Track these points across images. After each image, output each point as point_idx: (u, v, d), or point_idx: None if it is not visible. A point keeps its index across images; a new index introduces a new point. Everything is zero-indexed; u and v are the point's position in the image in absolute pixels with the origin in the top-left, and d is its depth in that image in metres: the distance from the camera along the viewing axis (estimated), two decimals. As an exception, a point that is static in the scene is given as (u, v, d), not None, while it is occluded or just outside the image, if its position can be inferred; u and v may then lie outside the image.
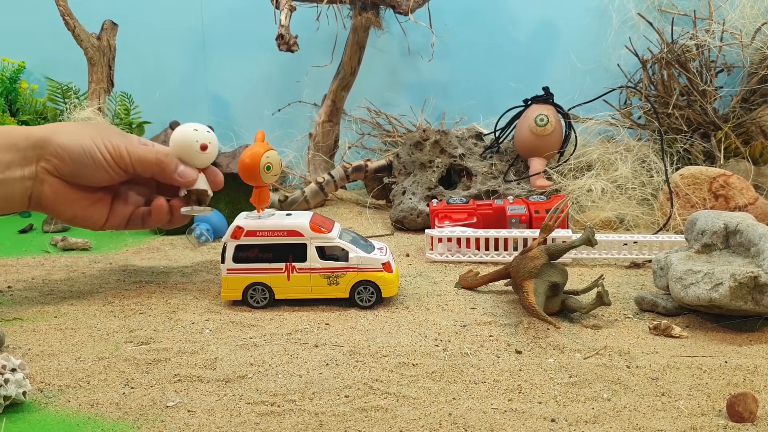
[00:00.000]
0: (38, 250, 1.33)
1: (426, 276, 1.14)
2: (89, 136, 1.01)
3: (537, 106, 1.48)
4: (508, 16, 1.84)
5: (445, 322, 0.93)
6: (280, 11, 1.52)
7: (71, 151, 0.99)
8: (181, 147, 1.02)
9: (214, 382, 0.77)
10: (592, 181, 1.40)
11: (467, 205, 1.31)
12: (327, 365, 0.81)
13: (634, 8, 1.69)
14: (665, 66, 1.58)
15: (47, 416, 0.72)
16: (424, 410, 0.71)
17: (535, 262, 0.93)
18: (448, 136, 1.51)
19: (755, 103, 1.58)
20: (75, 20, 1.56)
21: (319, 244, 0.98)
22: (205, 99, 1.91)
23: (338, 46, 1.72)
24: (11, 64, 1.79)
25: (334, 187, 1.58)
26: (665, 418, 0.69)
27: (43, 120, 1.75)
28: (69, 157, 0.99)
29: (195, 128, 1.03)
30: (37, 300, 1.05)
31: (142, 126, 1.78)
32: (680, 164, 1.49)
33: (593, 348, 0.84)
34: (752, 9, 1.56)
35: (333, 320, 0.95)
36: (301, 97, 1.85)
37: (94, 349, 0.87)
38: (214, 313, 0.98)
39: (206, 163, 1.04)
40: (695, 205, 1.32)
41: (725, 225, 0.95)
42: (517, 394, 0.74)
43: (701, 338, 0.87)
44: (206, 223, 1.25)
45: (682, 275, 0.89)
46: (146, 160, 1.02)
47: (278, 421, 0.69)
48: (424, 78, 1.88)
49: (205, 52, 1.89)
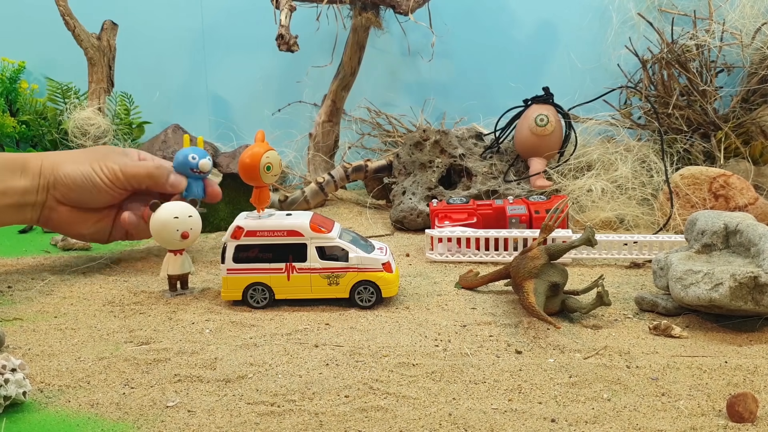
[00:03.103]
0: (38, 250, 1.33)
1: (426, 276, 1.14)
2: (88, 163, 1.12)
3: (537, 106, 1.48)
4: (508, 16, 1.84)
5: (445, 322, 0.93)
6: (280, 11, 1.52)
7: (74, 178, 1.10)
8: (163, 239, 1.04)
9: (214, 382, 0.77)
10: (592, 181, 1.40)
11: (467, 205, 1.31)
12: (327, 365, 0.81)
13: (634, 8, 1.69)
14: (665, 66, 1.58)
15: (47, 416, 0.72)
16: (424, 410, 0.71)
17: (535, 262, 0.93)
18: (448, 136, 1.51)
19: (755, 103, 1.58)
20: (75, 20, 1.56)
21: (319, 244, 0.98)
22: (205, 99, 1.91)
23: (338, 46, 1.72)
24: (11, 64, 1.79)
25: (334, 187, 1.58)
26: (665, 418, 0.69)
27: (44, 120, 1.75)
28: (73, 183, 1.11)
29: (175, 215, 1.03)
30: (37, 300, 1.05)
31: (142, 126, 1.78)
32: (680, 164, 1.49)
33: (593, 348, 0.84)
34: (752, 9, 1.56)
35: (333, 320, 0.95)
36: (301, 97, 1.85)
37: (94, 349, 0.87)
38: (214, 313, 0.98)
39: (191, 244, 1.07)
40: (695, 205, 1.32)
41: (725, 225, 0.95)
42: (517, 394, 0.74)
43: (701, 338, 0.87)
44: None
45: (682, 275, 0.89)
46: (138, 175, 1.13)
47: (278, 421, 0.69)
48: (424, 78, 1.88)
49: (205, 52, 1.89)
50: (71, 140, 1.54)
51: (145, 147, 1.56)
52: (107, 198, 1.13)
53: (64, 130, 1.61)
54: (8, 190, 1.08)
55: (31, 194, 1.10)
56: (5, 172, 1.09)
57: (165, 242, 1.03)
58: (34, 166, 1.10)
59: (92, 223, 1.16)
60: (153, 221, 1.02)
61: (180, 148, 1.20)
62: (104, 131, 1.55)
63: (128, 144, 1.66)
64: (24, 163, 1.10)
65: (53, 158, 1.12)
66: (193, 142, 1.17)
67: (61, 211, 1.13)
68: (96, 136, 1.54)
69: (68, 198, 1.12)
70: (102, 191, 1.12)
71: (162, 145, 1.55)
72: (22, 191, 1.09)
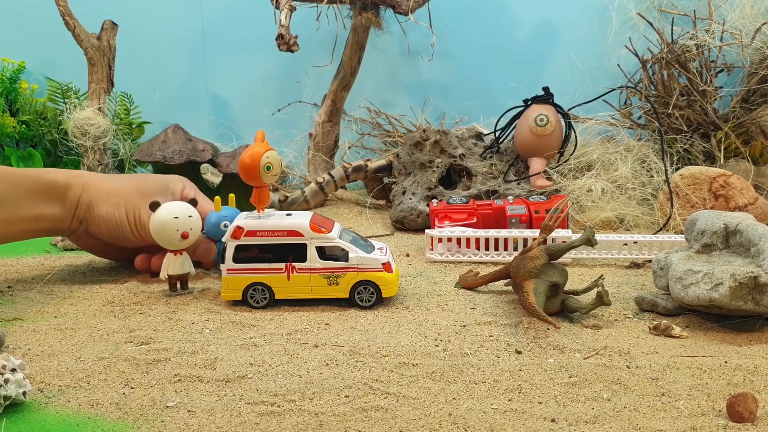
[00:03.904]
0: (38, 250, 1.33)
1: (426, 276, 1.13)
2: (124, 206, 1.09)
3: (537, 106, 1.48)
4: (508, 16, 1.84)
5: (445, 322, 0.93)
6: (280, 11, 1.52)
7: (107, 222, 1.09)
8: (163, 239, 1.03)
9: (214, 382, 0.77)
10: (592, 181, 1.40)
11: (467, 205, 1.31)
12: (327, 365, 0.81)
13: (634, 8, 1.69)
14: (665, 66, 1.58)
15: (47, 416, 0.72)
16: (424, 410, 0.71)
17: (535, 262, 0.93)
18: (448, 136, 1.51)
19: (755, 103, 1.58)
20: (75, 20, 1.56)
21: (319, 244, 0.98)
22: (205, 99, 1.91)
23: (338, 46, 1.72)
24: (11, 64, 1.79)
25: (334, 187, 1.58)
26: (665, 418, 0.69)
27: (44, 120, 1.75)
28: (105, 227, 1.09)
29: (175, 215, 1.02)
30: (37, 300, 1.05)
31: (142, 126, 1.78)
32: (680, 164, 1.49)
33: (593, 348, 0.84)
34: (752, 9, 1.56)
35: (333, 320, 0.95)
36: (301, 97, 1.85)
37: (94, 349, 0.87)
38: (214, 313, 0.98)
39: (191, 243, 1.06)
40: (695, 205, 1.32)
41: (725, 225, 0.95)
42: (517, 394, 0.74)
43: (701, 338, 0.87)
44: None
45: (682, 275, 0.89)
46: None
47: (278, 421, 0.69)
48: (424, 78, 1.88)
49: (205, 52, 1.89)
50: (71, 140, 1.54)
51: (145, 147, 1.56)
52: (134, 245, 1.12)
53: (64, 130, 1.61)
54: (42, 217, 1.07)
55: (65, 222, 1.09)
56: (43, 197, 1.07)
57: (165, 242, 1.03)
58: (73, 197, 1.09)
59: (118, 250, 1.17)
60: (153, 221, 1.02)
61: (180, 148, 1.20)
62: (104, 131, 1.55)
63: (129, 144, 1.66)
64: (65, 190, 1.08)
65: (93, 193, 1.09)
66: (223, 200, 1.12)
67: (89, 239, 1.14)
68: (96, 136, 1.54)
69: (98, 234, 1.11)
70: (130, 240, 1.11)
71: (162, 145, 1.55)
72: (56, 219, 1.08)
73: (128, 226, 1.09)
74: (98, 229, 1.10)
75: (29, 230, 1.08)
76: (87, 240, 1.14)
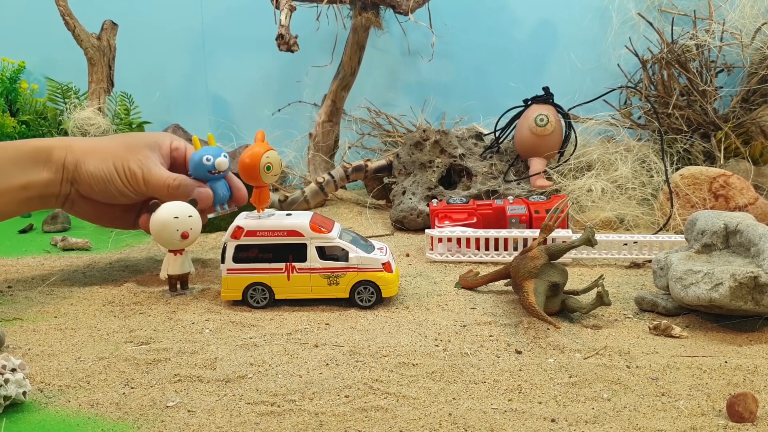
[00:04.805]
0: (38, 250, 1.33)
1: (426, 276, 1.13)
2: (112, 160, 1.07)
3: (537, 106, 1.48)
4: (508, 16, 1.84)
5: (445, 322, 0.93)
6: (280, 11, 1.52)
7: (96, 177, 1.07)
8: (163, 239, 1.03)
9: (214, 382, 0.77)
10: (592, 181, 1.40)
11: (467, 205, 1.31)
12: (327, 365, 0.81)
13: (634, 8, 1.69)
14: (665, 66, 1.58)
15: (47, 416, 0.72)
16: (424, 410, 0.71)
17: (535, 262, 0.94)
18: (448, 136, 1.51)
19: (755, 103, 1.58)
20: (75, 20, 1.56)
21: (319, 244, 0.98)
22: (205, 99, 1.91)
23: (338, 46, 1.72)
24: (11, 64, 1.79)
25: (334, 187, 1.58)
26: (665, 418, 0.69)
27: (44, 120, 1.75)
28: (95, 182, 1.07)
29: (175, 215, 1.02)
30: (37, 300, 1.05)
31: (142, 126, 1.78)
32: (680, 164, 1.49)
33: (593, 348, 0.84)
34: (752, 9, 1.56)
35: (333, 320, 0.95)
36: (301, 97, 1.85)
37: (94, 349, 0.87)
38: (214, 313, 0.98)
39: (192, 243, 1.05)
40: (695, 205, 1.32)
41: (725, 225, 0.95)
42: (517, 394, 0.74)
43: (701, 338, 0.87)
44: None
45: (682, 275, 0.89)
46: (158, 188, 1.08)
47: (278, 421, 0.69)
48: (424, 78, 1.88)
49: (205, 52, 1.89)
50: (71, 140, 1.54)
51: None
52: (124, 199, 1.10)
53: (64, 130, 1.61)
54: (30, 184, 1.06)
55: (54, 186, 1.07)
56: (28, 164, 1.06)
57: (165, 242, 1.03)
58: (58, 158, 1.07)
59: (116, 216, 1.15)
60: (153, 221, 1.02)
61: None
62: (104, 131, 1.55)
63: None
64: (48, 154, 1.07)
65: (78, 152, 1.08)
66: (202, 142, 1.14)
67: (84, 204, 1.11)
68: (96, 136, 1.54)
69: (90, 194, 1.09)
70: (123, 194, 1.09)
71: (162, 145, 1.54)
72: (45, 184, 1.07)
73: (119, 180, 1.07)
74: (89, 188, 1.08)
75: (21, 200, 1.06)
76: (82, 206, 1.12)
